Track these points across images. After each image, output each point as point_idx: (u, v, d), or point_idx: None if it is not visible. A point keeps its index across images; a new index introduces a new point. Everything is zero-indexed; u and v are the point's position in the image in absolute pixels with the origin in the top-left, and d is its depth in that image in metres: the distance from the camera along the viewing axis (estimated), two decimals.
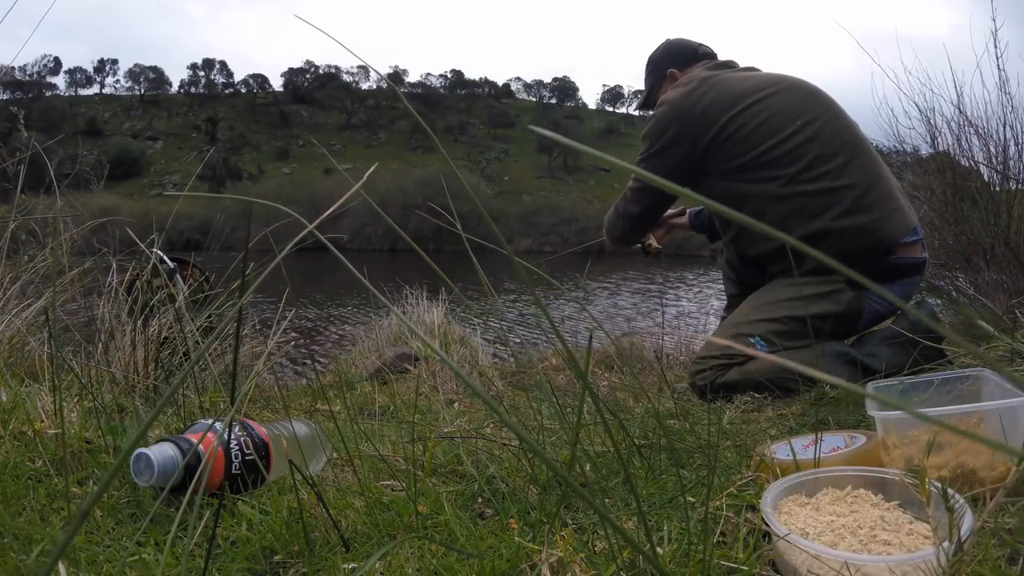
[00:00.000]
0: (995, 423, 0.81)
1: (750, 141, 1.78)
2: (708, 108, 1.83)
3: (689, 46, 2.12)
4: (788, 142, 1.76)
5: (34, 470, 0.89)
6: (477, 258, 0.72)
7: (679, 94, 1.88)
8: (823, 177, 1.73)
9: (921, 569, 0.57)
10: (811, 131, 1.76)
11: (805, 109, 1.80)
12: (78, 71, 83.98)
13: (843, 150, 1.76)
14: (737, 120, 1.80)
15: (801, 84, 1.87)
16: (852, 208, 1.71)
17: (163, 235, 1.95)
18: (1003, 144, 2.35)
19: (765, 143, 1.77)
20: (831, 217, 1.71)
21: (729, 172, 1.82)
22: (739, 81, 1.87)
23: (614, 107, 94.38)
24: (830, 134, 1.77)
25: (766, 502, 0.71)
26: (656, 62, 2.16)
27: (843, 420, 1.27)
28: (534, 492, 0.86)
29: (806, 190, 1.73)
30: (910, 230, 1.74)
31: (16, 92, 69.21)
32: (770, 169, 1.77)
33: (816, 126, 1.77)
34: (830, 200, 1.72)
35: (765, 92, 1.82)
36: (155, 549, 0.69)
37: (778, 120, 1.78)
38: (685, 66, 2.07)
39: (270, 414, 1.44)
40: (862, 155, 1.78)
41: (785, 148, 1.76)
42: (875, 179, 1.75)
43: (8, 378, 1.31)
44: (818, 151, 1.74)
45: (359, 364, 3.47)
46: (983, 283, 2.24)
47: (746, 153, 1.79)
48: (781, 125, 1.77)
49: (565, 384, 2.30)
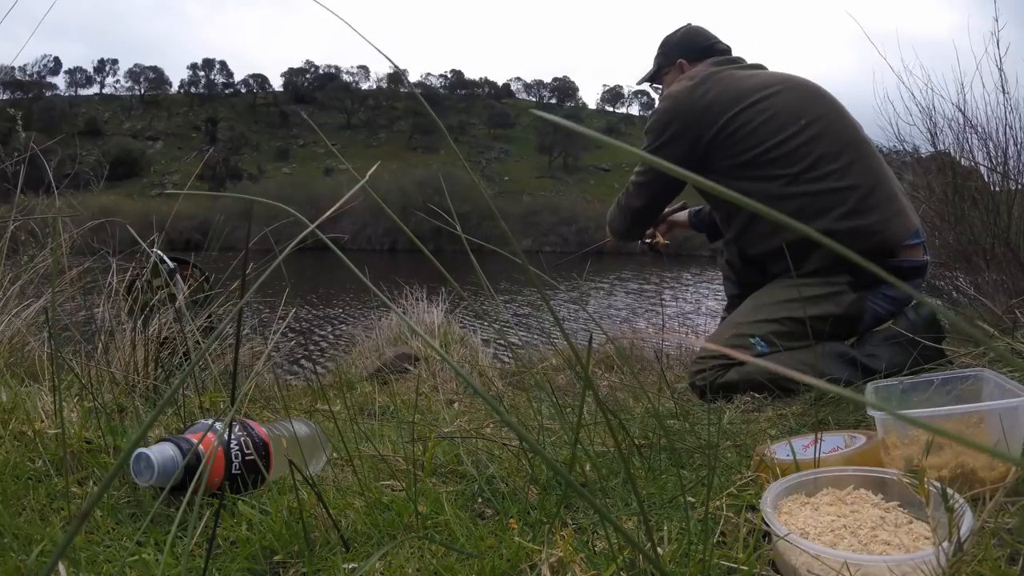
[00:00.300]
0: (995, 423, 0.81)
1: (753, 139, 1.77)
2: (711, 104, 1.82)
3: (706, 40, 2.09)
4: (791, 141, 1.75)
5: (34, 470, 0.89)
6: (477, 258, 0.72)
7: (683, 89, 1.87)
8: (826, 177, 1.72)
9: (921, 569, 0.57)
10: (815, 131, 1.75)
11: (809, 108, 1.79)
12: (78, 71, 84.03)
13: (847, 150, 1.75)
14: (740, 117, 1.79)
15: (805, 83, 1.87)
16: (855, 209, 1.70)
17: (163, 235, 1.95)
18: (1003, 144, 2.35)
19: (768, 141, 1.76)
20: (833, 218, 1.69)
21: (730, 170, 1.82)
22: (743, 79, 1.86)
23: (614, 107, 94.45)
24: (834, 134, 1.76)
25: (766, 502, 0.71)
26: (670, 46, 2.13)
27: (843, 420, 1.27)
28: (534, 492, 0.85)
29: (808, 190, 1.72)
30: (912, 232, 1.74)
31: (16, 92, 69.22)
32: (772, 168, 1.76)
33: (820, 126, 1.76)
34: (833, 201, 1.71)
35: (769, 90, 1.81)
36: (155, 549, 0.69)
37: (781, 119, 1.77)
38: (696, 59, 2.04)
39: (270, 414, 1.44)
40: (865, 156, 1.77)
41: (788, 147, 1.75)
42: (878, 180, 1.74)
43: (8, 378, 1.31)
44: (822, 151, 1.73)
45: (359, 364, 3.47)
46: (983, 283, 2.24)
47: (748, 151, 1.78)
48: (784, 124, 1.76)
49: (565, 384, 2.31)
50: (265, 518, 0.76)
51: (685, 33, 2.13)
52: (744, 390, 1.68)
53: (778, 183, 1.75)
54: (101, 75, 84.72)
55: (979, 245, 2.26)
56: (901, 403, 1.04)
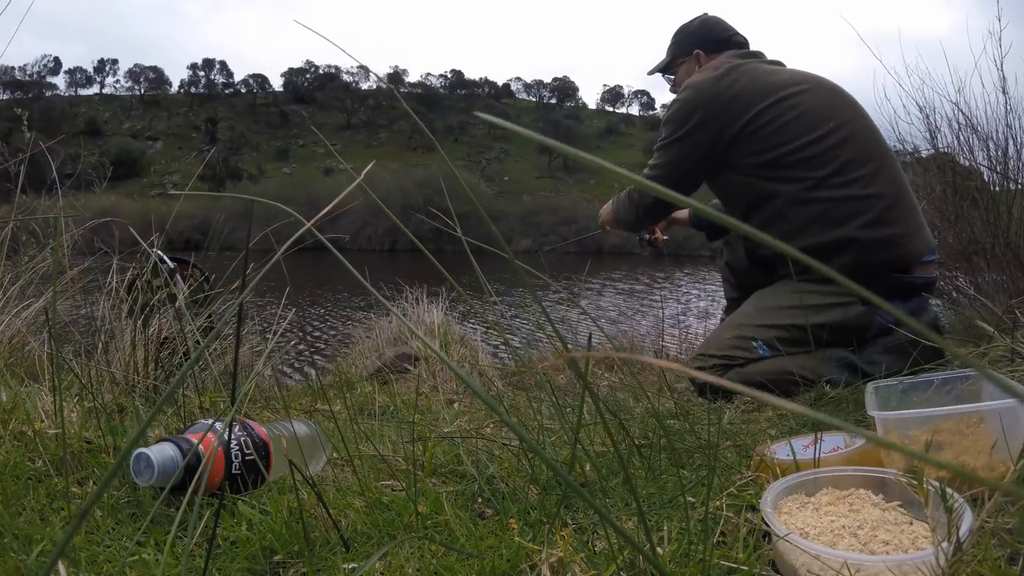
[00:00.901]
0: (995, 423, 0.81)
1: (779, 136, 1.71)
2: (738, 96, 1.74)
3: (724, 32, 2.00)
4: (820, 143, 1.69)
5: (34, 470, 0.89)
6: (477, 258, 0.72)
7: (707, 79, 1.79)
8: (852, 184, 1.66)
9: (921, 569, 0.57)
10: (843, 134, 1.69)
11: (838, 111, 1.73)
12: (78, 71, 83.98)
13: (873, 158, 1.69)
14: (768, 113, 1.72)
15: (831, 85, 1.81)
16: (879, 219, 1.64)
17: (163, 235, 1.95)
18: (1003, 144, 2.35)
19: (795, 141, 1.69)
20: (857, 226, 1.64)
21: (751, 168, 1.75)
22: (770, 72, 1.79)
23: (614, 107, 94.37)
24: (861, 140, 1.71)
25: (766, 502, 0.71)
26: (686, 35, 2.04)
27: (843, 420, 1.27)
28: (534, 492, 0.86)
29: (834, 195, 1.66)
30: (930, 249, 1.71)
31: (16, 92, 69.21)
32: (798, 169, 1.70)
33: (848, 130, 1.70)
34: (858, 208, 1.65)
35: (797, 88, 1.74)
36: (155, 549, 0.69)
37: (810, 118, 1.70)
38: (714, 51, 1.96)
39: (270, 414, 1.44)
40: (890, 165, 1.72)
41: (816, 149, 1.68)
42: (901, 191, 1.70)
43: (8, 378, 1.31)
44: (849, 156, 1.67)
45: (359, 364, 3.47)
46: (983, 283, 2.24)
47: (774, 149, 1.71)
48: (814, 124, 1.70)
49: (565, 384, 2.30)
50: (265, 518, 0.76)
51: (703, 23, 2.04)
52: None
53: (803, 185, 1.69)
54: (101, 75, 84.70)
55: (979, 245, 2.26)
56: (901, 403, 1.04)
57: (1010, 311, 1.65)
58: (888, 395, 1.07)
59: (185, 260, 2.33)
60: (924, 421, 0.85)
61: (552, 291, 3.05)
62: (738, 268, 2.03)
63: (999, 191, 2.34)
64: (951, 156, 2.57)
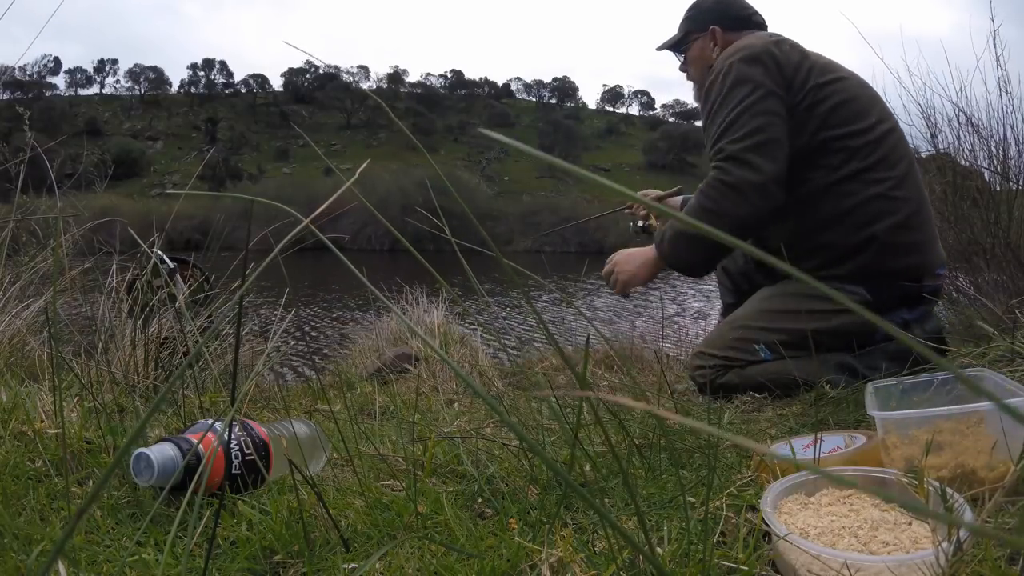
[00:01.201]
0: (995, 423, 0.81)
1: (829, 119, 1.61)
2: (799, 67, 1.61)
3: (743, 9, 1.85)
4: (863, 135, 1.60)
5: (34, 470, 0.89)
6: (476, 258, 0.72)
7: (761, 42, 1.63)
8: (883, 182, 1.60)
9: (921, 569, 0.57)
10: (883, 130, 1.63)
11: (876, 106, 1.66)
12: (78, 71, 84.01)
13: (903, 161, 1.64)
14: (824, 90, 1.60)
15: (863, 79, 1.73)
16: (904, 223, 1.59)
17: (163, 235, 1.95)
18: (1003, 144, 2.35)
19: (843, 127, 1.60)
20: (883, 228, 1.58)
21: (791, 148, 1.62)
22: (814, 53, 1.68)
23: (614, 107, 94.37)
24: (895, 140, 1.65)
25: (766, 502, 0.71)
26: (702, 10, 1.87)
27: (843, 420, 1.27)
28: (534, 492, 0.86)
29: (865, 192, 1.60)
30: (943, 262, 1.69)
31: (16, 92, 69.21)
32: (836, 156, 1.61)
33: (887, 126, 1.64)
34: (887, 208, 1.59)
35: (842, 72, 1.65)
36: (155, 549, 0.69)
37: (855, 107, 1.62)
38: (732, 29, 1.81)
39: (270, 414, 1.44)
40: (916, 171, 1.69)
41: (859, 140, 1.60)
42: (923, 199, 1.67)
43: (8, 378, 1.31)
44: (885, 153, 1.61)
45: (359, 364, 3.47)
46: (983, 283, 2.24)
47: (820, 132, 1.61)
48: (859, 114, 1.61)
49: (565, 384, 2.30)
50: (265, 518, 0.76)
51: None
52: (744, 391, 1.67)
53: (838, 175, 1.61)
54: (101, 75, 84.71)
55: (979, 245, 2.26)
56: (901, 403, 1.04)
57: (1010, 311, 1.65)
58: (888, 395, 1.07)
59: (185, 260, 2.33)
60: (924, 421, 0.85)
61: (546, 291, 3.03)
62: (735, 274, 2.02)
63: (999, 191, 2.34)
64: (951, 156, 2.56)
